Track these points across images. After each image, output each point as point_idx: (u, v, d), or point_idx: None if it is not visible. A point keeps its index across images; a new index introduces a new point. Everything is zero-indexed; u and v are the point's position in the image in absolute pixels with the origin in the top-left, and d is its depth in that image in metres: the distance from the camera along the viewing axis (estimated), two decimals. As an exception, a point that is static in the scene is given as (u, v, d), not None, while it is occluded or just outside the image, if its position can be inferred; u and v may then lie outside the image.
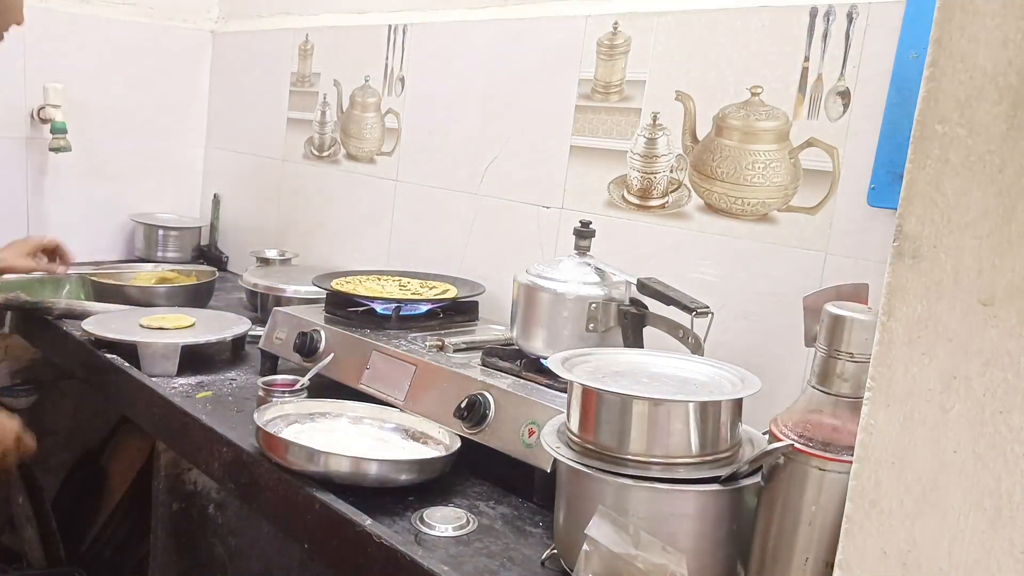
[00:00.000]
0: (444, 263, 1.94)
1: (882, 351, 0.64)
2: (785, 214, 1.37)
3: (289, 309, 1.69)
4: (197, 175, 2.82)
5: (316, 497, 1.15)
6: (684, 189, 1.50)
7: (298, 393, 1.41)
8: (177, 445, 1.53)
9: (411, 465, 1.22)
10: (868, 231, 1.27)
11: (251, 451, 1.28)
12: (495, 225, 1.85)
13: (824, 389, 0.88)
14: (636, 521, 0.92)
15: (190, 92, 2.75)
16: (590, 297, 1.33)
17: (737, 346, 1.38)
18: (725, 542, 0.97)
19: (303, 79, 2.40)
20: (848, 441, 0.83)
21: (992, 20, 0.57)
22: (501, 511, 1.20)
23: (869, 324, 0.84)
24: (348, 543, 1.11)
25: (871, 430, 0.65)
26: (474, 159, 1.90)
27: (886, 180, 1.24)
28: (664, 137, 1.53)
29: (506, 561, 1.07)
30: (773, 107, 1.38)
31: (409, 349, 1.46)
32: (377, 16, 2.15)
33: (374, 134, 2.17)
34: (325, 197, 2.33)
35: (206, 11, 2.74)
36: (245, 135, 2.65)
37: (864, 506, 0.66)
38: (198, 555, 1.61)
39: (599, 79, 1.64)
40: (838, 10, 1.30)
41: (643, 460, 0.96)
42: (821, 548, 0.87)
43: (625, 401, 0.97)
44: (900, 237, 0.62)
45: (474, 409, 1.27)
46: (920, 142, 0.61)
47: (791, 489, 0.89)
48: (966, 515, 0.60)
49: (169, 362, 1.64)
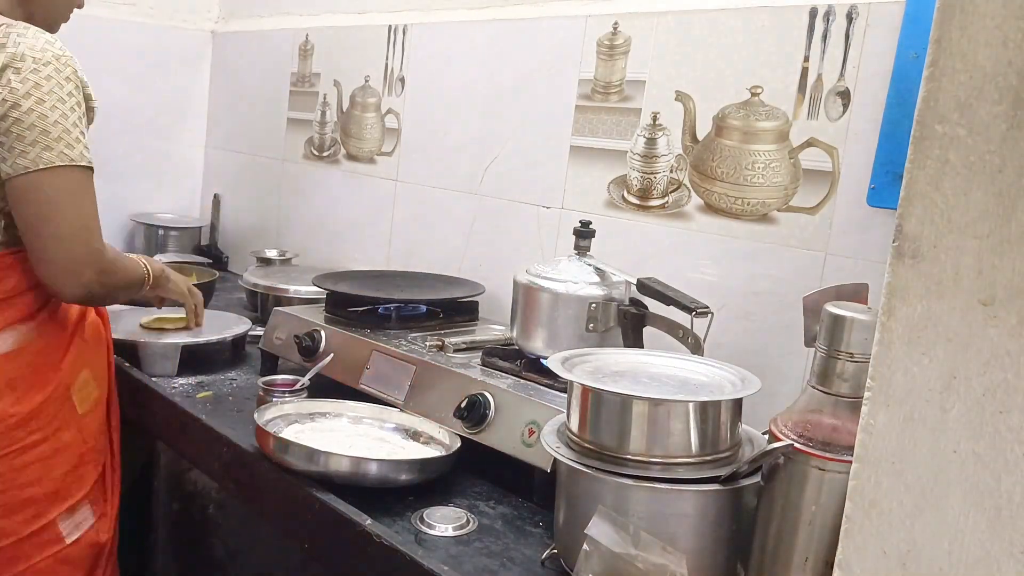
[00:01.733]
0: (444, 263, 1.94)
1: (882, 351, 0.64)
2: (785, 214, 1.37)
3: (289, 309, 1.69)
4: (197, 175, 2.82)
5: (316, 497, 1.15)
6: (684, 189, 1.50)
7: (298, 393, 1.41)
8: (177, 445, 1.53)
9: (411, 465, 1.22)
10: (868, 231, 1.27)
11: (251, 451, 1.28)
12: (495, 225, 1.85)
13: (824, 389, 0.88)
14: (636, 521, 0.92)
15: (190, 92, 2.75)
16: (590, 297, 1.33)
17: (737, 346, 1.38)
18: (725, 542, 0.97)
19: (303, 79, 2.40)
20: (848, 441, 0.83)
21: (992, 20, 0.57)
22: (501, 511, 1.20)
23: (869, 324, 0.84)
24: (348, 543, 1.11)
25: (871, 430, 0.65)
26: (474, 159, 1.90)
27: (886, 180, 1.24)
28: (664, 137, 1.53)
29: (506, 561, 1.07)
30: (773, 107, 1.38)
31: (409, 349, 1.46)
32: (377, 16, 2.15)
33: (374, 134, 2.17)
34: (325, 197, 2.33)
35: (206, 11, 2.74)
36: (245, 135, 2.65)
37: (864, 506, 0.66)
38: (198, 555, 1.61)
39: (599, 79, 1.64)
40: (838, 10, 1.30)
41: (643, 460, 0.96)
42: (821, 548, 0.87)
43: (625, 401, 0.97)
44: (900, 237, 0.62)
45: (474, 409, 1.27)
46: (920, 142, 0.61)
47: (791, 489, 0.89)
48: (966, 515, 0.60)
49: (169, 362, 1.64)
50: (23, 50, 1.21)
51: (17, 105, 1.19)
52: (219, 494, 1.55)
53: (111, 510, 1.48)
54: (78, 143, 1.23)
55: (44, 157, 1.20)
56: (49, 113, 1.20)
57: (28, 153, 1.19)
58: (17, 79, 1.19)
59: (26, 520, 1.32)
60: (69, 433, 1.37)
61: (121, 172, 2.61)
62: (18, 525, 1.31)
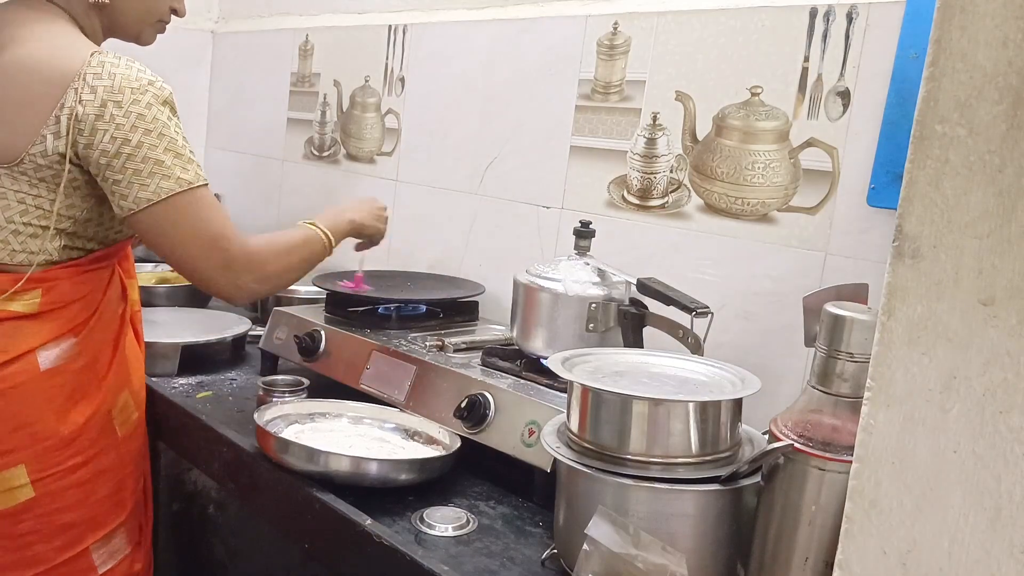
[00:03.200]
0: (444, 263, 1.94)
1: (882, 351, 0.64)
2: (785, 214, 1.37)
3: (289, 309, 1.69)
4: (197, 175, 2.81)
5: (316, 497, 1.15)
6: (684, 189, 1.50)
7: (298, 393, 1.41)
8: (177, 445, 1.53)
9: (411, 465, 1.22)
10: (868, 231, 1.27)
11: (251, 451, 1.28)
12: (495, 225, 1.85)
13: (824, 389, 0.88)
14: (636, 521, 0.92)
15: (190, 92, 2.74)
16: (590, 297, 1.33)
17: (737, 346, 1.38)
18: (725, 542, 0.97)
19: (303, 79, 2.40)
20: (848, 441, 0.83)
21: (992, 20, 0.57)
22: (501, 511, 1.20)
23: (869, 324, 0.84)
24: (348, 543, 1.11)
25: (871, 430, 0.65)
26: (474, 159, 1.90)
27: (886, 180, 1.24)
28: (664, 137, 1.53)
29: (506, 561, 1.07)
30: (773, 107, 1.38)
31: (409, 349, 1.46)
32: (377, 16, 2.15)
33: (374, 134, 2.17)
34: (325, 197, 2.32)
35: (206, 11, 2.74)
36: (245, 135, 2.65)
37: (864, 506, 0.66)
38: (198, 555, 1.62)
39: (599, 79, 1.64)
40: (838, 10, 1.30)
41: (643, 460, 0.96)
42: (821, 548, 0.87)
43: (625, 401, 0.97)
44: (900, 237, 0.62)
45: (474, 409, 1.27)
46: (920, 142, 0.61)
47: (791, 489, 0.89)
48: (966, 515, 0.60)
49: (169, 362, 1.64)
50: (119, 82, 1.20)
51: (127, 141, 1.19)
52: (219, 494, 1.55)
53: (145, 540, 1.44)
54: (191, 163, 1.24)
55: (164, 187, 1.20)
56: (157, 142, 1.21)
57: (148, 186, 1.20)
58: (120, 114, 1.19)
59: (61, 547, 1.28)
60: (109, 457, 1.34)
61: (121, 172, 2.60)
62: (52, 552, 1.28)
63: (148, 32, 1.44)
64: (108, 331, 1.36)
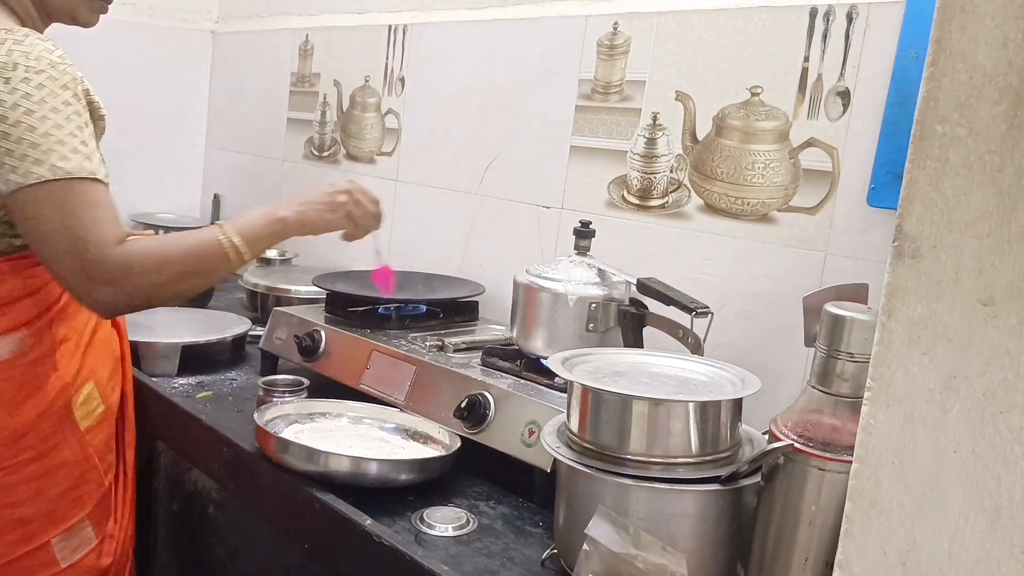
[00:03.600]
0: (444, 263, 1.94)
1: (882, 351, 0.64)
2: (785, 214, 1.37)
3: (289, 309, 1.69)
4: (197, 175, 2.82)
5: (316, 497, 1.15)
6: (684, 189, 1.50)
7: (298, 393, 1.41)
8: (177, 445, 1.53)
9: (411, 465, 1.22)
10: (868, 231, 1.27)
11: (251, 451, 1.28)
12: (495, 225, 1.85)
13: (824, 389, 0.88)
14: (636, 521, 0.92)
15: (190, 92, 2.75)
16: (590, 297, 1.33)
17: (737, 346, 1.38)
18: (725, 542, 0.97)
19: (303, 79, 2.40)
20: (848, 441, 0.83)
21: (992, 20, 0.57)
22: (501, 511, 1.20)
23: (869, 324, 0.84)
24: (348, 543, 1.11)
25: (871, 430, 0.65)
26: (474, 159, 1.90)
27: (886, 180, 1.24)
28: (664, 137, 1.53)
29: (506, 561, 1.07)
30: (773, 107, 1.38)
31: (409, 349, 1.46)
32: (377, 16, 2.15)
33: (374, 134, 2.17)
34: (325, 197, 2.32)
35: (206, 11, 2.74)
36: (245, 135, 2.65)
37: (864, 506, 0.66)
38: (198, 555, 1.61)
39: (599, 79, 1.64)
40: (838, 10, 1.30)
41: (643, 460, 0.96)
42: (821, 548, 0.87)
43: (625, 401, 0.97)
44: (900, 237, 0.62)
45: (474, 409, 1.27)
46: (920, 142, 0.61)
47: (791, 489, 0.89)
48: (966, 515, 0.60)
49: (169, 362, 1.64)
50: (15, 58, 1.12)
51: (4, 118, 1.09)
52: (219, 494, 1.55)
53: (119, 532, 1.40)
54: (75, 154, 1.12)
55: (34, 172, 1.09)
56: (39, 124, 1.10)
57: (18, 168, 1.10)
58: (6, 89, 1.11)
59: (15, 542, 1.25)
60: (69, 450, 1.30)
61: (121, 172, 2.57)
62: (6, 547, 1.24)
63: (83, 11, 1.34)
64: (73, 323, 1.31)
